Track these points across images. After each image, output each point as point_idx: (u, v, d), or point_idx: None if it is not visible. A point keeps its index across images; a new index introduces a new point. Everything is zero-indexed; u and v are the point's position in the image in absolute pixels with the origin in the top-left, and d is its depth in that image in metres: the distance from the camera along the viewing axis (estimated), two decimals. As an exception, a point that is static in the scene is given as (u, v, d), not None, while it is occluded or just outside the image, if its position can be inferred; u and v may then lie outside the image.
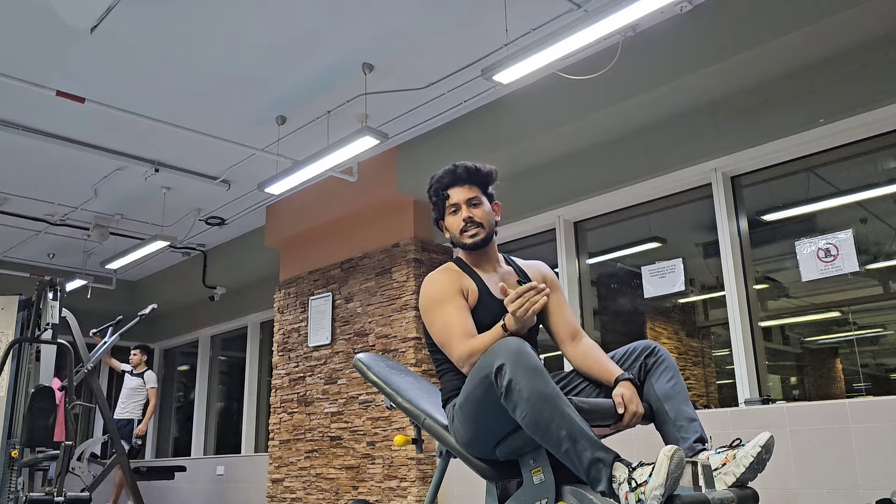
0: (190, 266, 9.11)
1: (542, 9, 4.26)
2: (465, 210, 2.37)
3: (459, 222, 2.37)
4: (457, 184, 2.39)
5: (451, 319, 2.24)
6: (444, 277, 2.35)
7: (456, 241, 2.42)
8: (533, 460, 2.09)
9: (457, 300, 2.27)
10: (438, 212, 2.44)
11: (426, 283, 2.38)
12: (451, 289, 2.30)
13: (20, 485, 4.44)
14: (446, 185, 2.40)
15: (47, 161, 6.36)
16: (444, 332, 2.25)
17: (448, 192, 2.39)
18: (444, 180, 2.40)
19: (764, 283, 4.83)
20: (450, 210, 2.39)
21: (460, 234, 2.37)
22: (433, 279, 2.37)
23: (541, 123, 5.15)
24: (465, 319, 2.24)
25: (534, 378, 1.90)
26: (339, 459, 6.31)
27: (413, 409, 2.42)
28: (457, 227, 2.38)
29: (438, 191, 2.41)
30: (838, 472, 3.64)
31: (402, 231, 6.23)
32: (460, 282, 2.33)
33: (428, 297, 2.34)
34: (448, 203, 2.39)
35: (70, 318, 5.27)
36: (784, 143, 4.37)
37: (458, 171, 2.39)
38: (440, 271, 2.40)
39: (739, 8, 4.17)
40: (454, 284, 2.32)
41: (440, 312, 2.27)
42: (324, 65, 4.97)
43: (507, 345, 1.97)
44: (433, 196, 2.43)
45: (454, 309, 2.25)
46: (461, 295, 2.29)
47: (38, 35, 4.58)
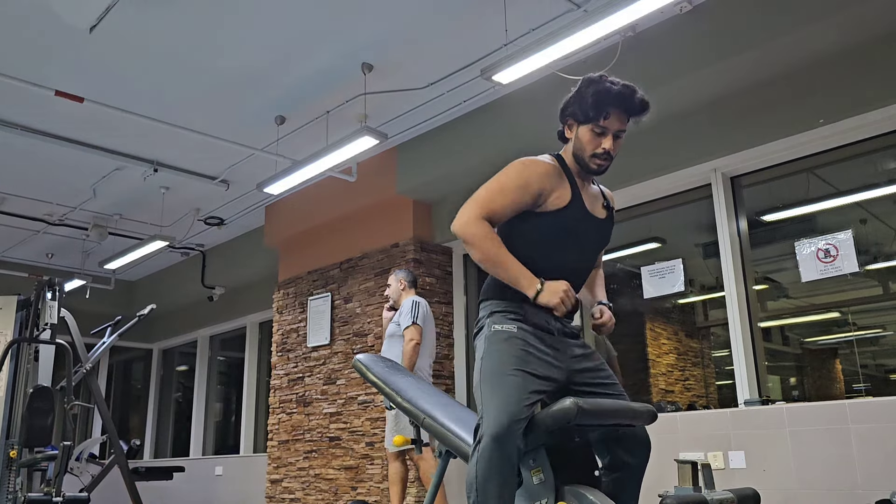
0: (189, 266, 9.10)
1: (541, 9, 4.26)
2: (610, 141, 2.21)
3: (599, 146, 2.20)
4: (624, 111, 2.20)
5: (500, 196, 2.18)
6: (540, 170, 2.22)
7: (580, 154, 2.25)
8: (533, 460, 2.09)
9: (525, 195, 2.18)
10: (582, 115, 2.21)
11: (517, 164, 2.24)
12: (534, 183, 2.19)
13: (19, 485, 4.44)
14: (614, 103, 2.18)
15: (46, 161, 6.36)
16: (486, 193, 2.20)
17: (610, 111, 2.18)
18: (614, 100, 2.18)
19: (764, 283, 4.83)
20: (597, 127, 2.19)
21: (591, 157, 2.22)
22: (526, 163, 2.24)
23: (541, 124, 5.13)
24: (506, 207, 2.18)
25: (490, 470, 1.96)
26: (337, 460, 6.30)
27: (413, 408, 2.41)
28: (592, 147, 2.21)
29: (600, 104, 2.18)
30: (838, 473, 3.63)
31: (402, 231, 6.23)
32: (554, 182, 2.22)
33: (514, 166, 2.23)
34: (602, 121, 2.19)
35: (69, 318, 5.27)
36: (784, 144, 4.37)
37: (634, 99, 2.19)
38: (537, 161, 2.25)
39: (739, 8, 4.17)
40: (544, 181, 2.20)
41: (504, 183, 2.20)
42: (323, 65, 4.97)
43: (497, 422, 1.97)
44: (591, 104, 2.18)
45: (514, 194, 2.18)
46: (534, 196, 2.19)
47: (37, 35, 4.57)
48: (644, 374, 6.34)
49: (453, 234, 2.20)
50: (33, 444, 4.40)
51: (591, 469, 2.13)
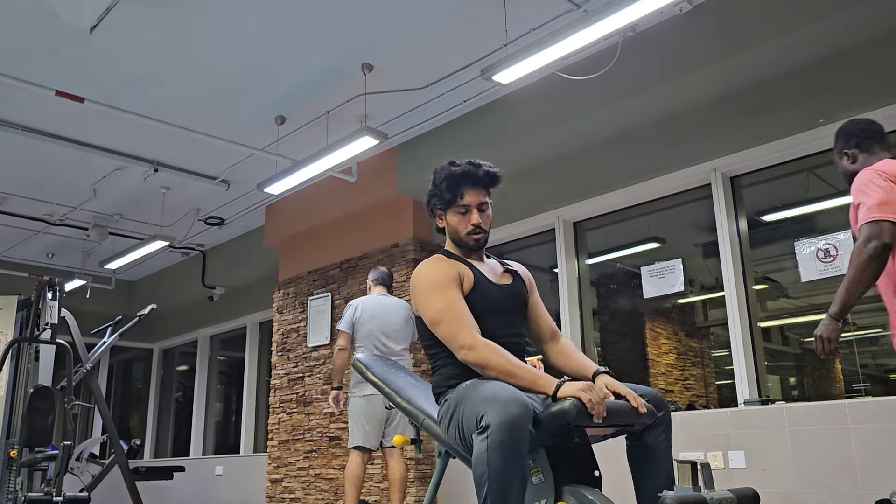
0: (189, 266, 9.10)
1: (541, 9, 4.26)
2: (475, 215, 2.35)
3: (468, 224, 2.35)
4: (474, 186, 2.34)
5: (458, 307, 2.22)
6: (441, 264, 2.34)
7: (455, 237, 2.39)
8: (532, 460, 2.09)
9: (455, 289, 2.26)
10: (443, 203, 2.37)
11: (423, 270, 2.35)
12: (450, 275, 2.29)
13: (19, 484, 4.44)
14: (463, 184, 2.33)
15: (46, 161, 6.36)
16: (449, 314, 2.21)
17: (463, 190, 2.33)
18: (462, 179, 2.33)
19: (763, 283, 4.83)
20: (458, 208, 2.35)
21: (465, 235, 2.36)
22: (430, 265, 2.35)
23: (541, 123, 5.15)
24: (462, 309, 2.23)
25: (506, 458, 1.86)
26: (338, 460, 6.30)
27: (412, 408, 2.41)
28: (463, 228, 2.36)
29: (453, 187, 2.34)
30: (838, 473, 3.63)
31: (402, 231, 6.23)
32: (457, 269, 2.33)
33: (426, 281, 2.31)
34: (459, 202, 2.34)
35: (69, 318, 5.26)
36: (784, 144, 4.37)
37: (478, 173, 2.34)
38: (435, 260, 2.38)
39: (739, 8, 4.17)
40: (452, 271, 2.31)
41: (442, 295, 2.25)
42: (323, 65, 4.97)
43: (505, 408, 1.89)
44: (446, 190, 2.34)
45: (458, 297, 2.25)
46: (458, 284, 2.28)
47: (37, 35, 4.58)
48: (644, 374, 6.33)
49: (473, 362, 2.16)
50: (34, 443, 4.39)
51: (591, 469, 2.13)
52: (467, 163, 2.35)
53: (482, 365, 2.13)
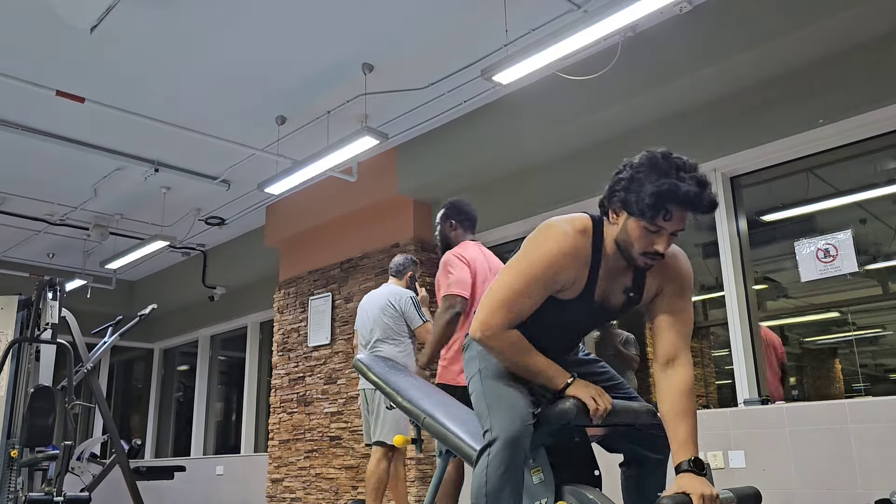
0: (190, 266, 9.11)
1: (541, 9, 4.27)
2: (665, 242, 1.88)
3: (651, 245, 1.88)
4: (689, 211, 1.85)
5: (521, 303, 1.96)
6: (569, 249, 1.94)
7: (623, 245, 1.93)
8: (533, 460, 2.09)
9: (542, 287, 1.96)
10: (637, 209, 1.85)
11: (551, 236, 1.95)
12: (558, 276, 1.94)
13: (20, 484, 4.44)
14: (681, 204, 1.82)
15: (47, 161, 6.36)
16: (507, 296, 1.96)
17: (675, 211, 1.83)
18: (684, 198, 1.81)
19: (763, 283, 4.83)
20: (653, 225, 1.85)
21: (642, 254, 1.90)
22: (560, 242, 1.93)
23: (541, 123, 5.15)
24: (529, 308, 1.97)
25: (505, 476, 1.91)
26: (338, 459, 6.31)
27: (413, 408, 2.42)
28: (642, 246, 1.89)
29: (668, 202, 1.81)
30: (837, 473, 3.64)
31: (402, 231, 6.23)
32: (572, 272, 1.95)
33: (537, 252, 1.95)
34: (661, 219, 1.84)
35: (70, 317, 5.27)
36: (784, 144, 4.37)
37: (702, 202, 1.82)
38: (570, 236, 1.94)
39: (739, 8, 4.17)
40: (564, 273, 1.94)
41: (526, 280, 1.95)
42: (324, 65, 4.98)
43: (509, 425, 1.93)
44: (654, 203, 1.81)
45: (535, 289, 1.95)
46: (557, 287, 1.97)
47: (38, 35, 4.58)
48: (644, 374, 6.34)
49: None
50: (34, 443, 4.40)
51: (591, 469, 2.13)
52: (696, 180, 1.82)
53: (496, 353, 2.02)
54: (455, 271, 3.42)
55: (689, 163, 1.87)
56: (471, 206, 3.73)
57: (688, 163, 1.87)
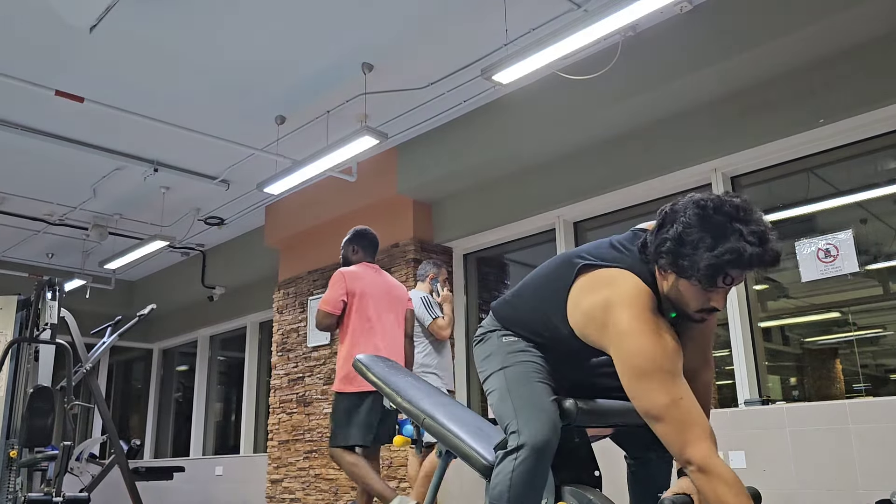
0: (189, 266, 9.10)
1: (542, 9, 4.26)
2: (723, 299, 1.74)
3: (708, 302, 1.73)
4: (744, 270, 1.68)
5: (687, 403, 1.69)
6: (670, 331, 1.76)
7: (677, 303, 1.77)
8: (533, 460, 2.09)
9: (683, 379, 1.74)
10: (693, 273, 1.67)
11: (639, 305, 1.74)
12: (679, 358, 1.74)
13: (19, 485, 4.44)
14: (744, 268, 1.66)
15: (46, 161, 6.35)
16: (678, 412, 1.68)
17: (736, 275, 1.68)
18: (749, 262, 1.63)
19: (764, 283, 4.82)
20: (710, 286, 1.68)
21: (695, 311, 1.76)
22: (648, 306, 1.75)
23: (541, 123, 5.14)
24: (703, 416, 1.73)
25: (531, 483, 1.87)
26: (338, 460, 6.30)
27: (413, 408, 2.41)
28: (698, 304, 1.74)
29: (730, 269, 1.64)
30: (838, 473, 3.63)
31: (402, 231, 6.23)
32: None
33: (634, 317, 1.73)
34: (721, 281, 1.67)
35: (69, 318, 5.26)
36: (784, 144, 4.37)
37: (768, 257, 1.64)
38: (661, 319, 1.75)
39: (739, 8, 4.17)
40: (679, 350, 1.75)
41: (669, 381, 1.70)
42: (324, 65, 4.97)
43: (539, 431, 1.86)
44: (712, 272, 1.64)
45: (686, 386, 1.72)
46: None
47: (37, 35, 4.57)
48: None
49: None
50: (33, 443, 4.39)
51: (591, 469, 2.12)
52: (755, 235, 1.62)
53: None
54: (330, 290, 3.83)
55: (745, 207, 1.65)
56: (374, 234, 4.13)
57: (743, 207, 1.64)
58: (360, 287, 3.82)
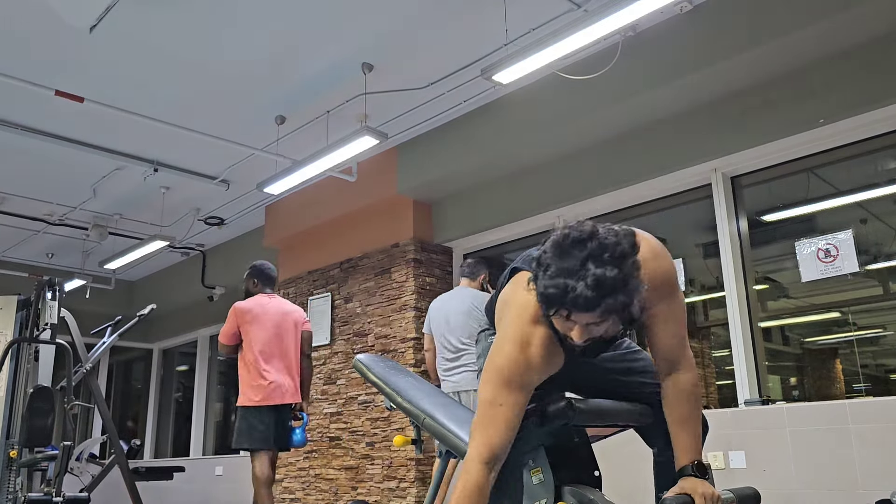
0: (189, 266, 9.10)
1: (542, 9, 4.26)
2: (579, 332, 1.62)
3: (568, 331, 1.64)
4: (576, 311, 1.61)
5: (502, 422, 1.73)
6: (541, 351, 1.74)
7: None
8: (532, 460, 2.09)
9: (521, 395, 1.75)
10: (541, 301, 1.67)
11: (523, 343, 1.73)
12: (530, 377, 1.75)
13: (19, 485, 4.44)
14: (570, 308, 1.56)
15: (46, 161, 6.35)
16: (486, 414, 1.75)
17: (562, 312, 1.60)
18: (573, 303, 1.54)
19: (764, 283, 4.82)
20: (547, 313, 1.64)
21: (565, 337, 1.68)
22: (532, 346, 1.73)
23: (541, 123, 5.14)
24: (508, 430, 1.74)
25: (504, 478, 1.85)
26: (338, 460, 6.30)
27: (413, 409, 2.41)
28: (563, 329, 1.65)
29: (548, 305, 1.60)
30: (838, 473, 3.63)
31: (402, 231, 6.23)
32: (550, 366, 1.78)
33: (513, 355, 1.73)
34: (557, 316, 1.63)
35: (69, 318, 5.26)
36: (784, 144, 4.37)
37: (593, 306, 1.55)
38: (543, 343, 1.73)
39: (739, 8, 4.17)
40: (541, 372, 1.77)
41: (500, 387, 1.73)
42: (323, 65, 4.97)
43: None
44: (543, 304, 1.61)
45: (514, 399, 1.73)
46: (529, 391, 1.78)
47: (37, 35, 4.57)
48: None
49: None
50: (33, 444, 4.39)
51: (591, 469, 2.12)
52: (594, 279, 1.50)
53: None
54: (226, 324, 4.67)
55: (609, 244, 1.52)
56: (270, 267, 4.82)
57: (607, 245, 1.52)
58: (250, 318, 4.57)
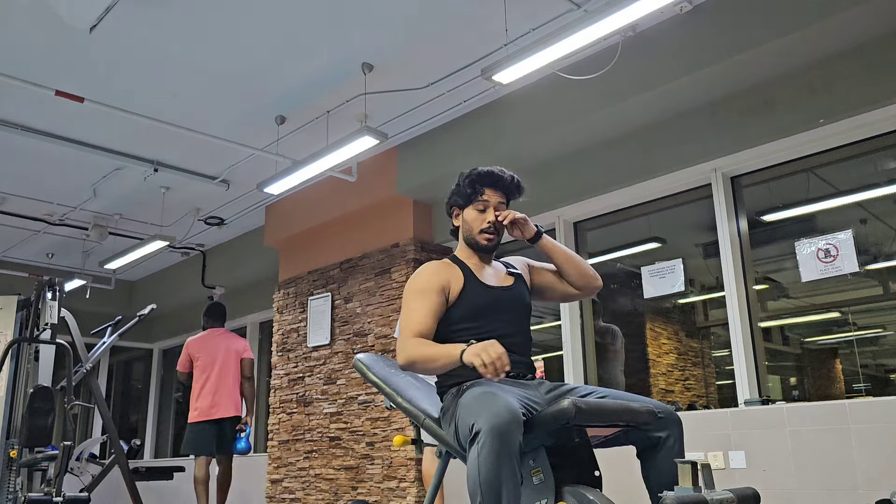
0: (189, 266, 9.10)
1: (542, 9, 4.26)
2: (492, 213, 2.44)
3: (483, 221, 2.44)
4: (496, 187, 2.46)
5: (414, 313, 2.31)
6: (429, 270, 2.42)
7: (468, 236, 2.48)
8: (533, 460, 2.09)
9: (430, 297, 2.33)
10: (463, 199, 2.48)
11: (414, 274, 2.44)
12: (431, 283, 2.36)
13: (19, 485, 4.44)
14: (487, 183, 2.45)
15: (46, 161, 6.36)
16: (404, 321, 2.31)
17: (485, 189, 2.45)
18: (487, 178, 2.45)
19: (764, 283, 4.83)
20: (477, 205, 2.45)
21: (479, 233, 2.44)
22: (420, 270, 2.44)
23: (541, 123, 5.15)
24: (425, 317, 2.30)
25: (498, 464, 1.87)
26: (338, 460, 6.30)
27: (413, 409, 2.41)
28: (478, 224, 2.45)
29: (475, 183, 2.45)
30: (838, 473, 3.63)
31: (402, 231, 6.23)
32: (446, 274, 2.39)
33: (408, 286, 2.41)
34: (480, 198, 2.45)
35: (69, 318, 5.26)
36: (784, 144, 4.37)
37: (504, 176, 2.47)
38: (429, 264, 2.46)
39: (739, 8, 4.17)
40: (436, 278, 2.37)
41: (410, 302, 2.35)
42: (323, 65, 4.97)
43: (495, 415, 1.90)
44: (468, 186, 2.46)
45: (422, 304, 2.32)
46: (439, 293, 2.34)
47: (37, 35, 4.57)
48: (644, 374, 6.34)
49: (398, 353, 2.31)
50: (33, 444, 4.39)
51: (591, 469, 2.13)
52: (496, 167, 2.49)
53: (410, 361, 2.21)
54: (181, 355, 5.96)
55: (493, 166, 2.51)
56: (219, 306, 6.24)
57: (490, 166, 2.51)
58: (197, 350, 5.84)
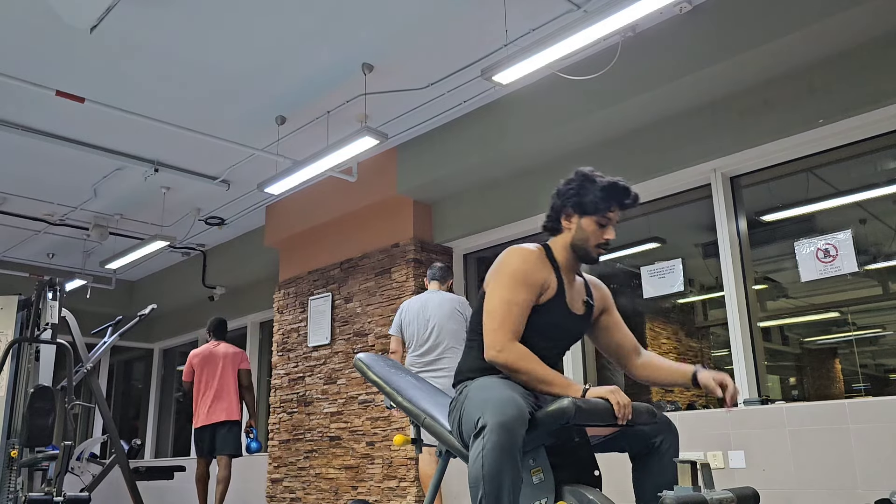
0: (189, 266, 9.10)
1: (542, 9, 4.27)
2: (612, 231, 2.33)
3: (601, 237, 2.32)
4: (624, 208, 2.34)
5: (515, 308, 2.19)
6: (533, 259, 2.29)
7: (579, 244, 2.33)
8: (532, 460, 2.09)
9: (529, 294, 2.22)
10: (589, 208, 2.31)
11: (515, 255, 2.28)
12: (535, 278, 2.25)
13: (19, 484, 4.44)
14: (619, 202, 2.32)
15: (46, 161, 6.36)
16: (502, 309, 2.18)
17: (615, 205, 2.32)
18: (623, 197, 2.31)
19: (763, 283, 4.83)
20: (602, 219, 2.31)
21: (594, 246, 2.32)
22: (524, 254, 2.29)
23: (541, 124, 5.15)
24: (522, 318, 2.20)
25: (501, 459, 1.89)
26: (338, 459, 6.31)
27: (413, 408, 2.41)
28: (596, 239, 2.32)
29: (611, 200, 2.30)
30: (837, 473, 3.64)
31: (402, 231, 6.23)
32: (545, 274, 2.28)
33: (512, 267, 2.25)
34: (606, 214, 2.31)
35: (69, 317, 5.27)
36: (784, 144, 4.37)
37: (636, 199, 2.34)
38: (531, 251, 2.31)
39: (739, 8, 4.17)
40: (539, 275, 2.26)
41: (511, 290, 2.21)
42: (324, 65, 4.97)
43: (502, 412, 1.93)
44: (601, 199, 2.29)
45: (523, 298, 2.21)
46: (535, 292, 2.24)
47: (38, 35, 4.58)
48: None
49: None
50: (34, 443, 4.40)
51: (591, 469, 2.13)
52: (628, 184, 2.35)
53: (511, 367, 2.14)
54: (185, 366, 6.26)
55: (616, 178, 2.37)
56: (219, 320, 6.38)
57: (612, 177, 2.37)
58: (198, 362, 6.14)
